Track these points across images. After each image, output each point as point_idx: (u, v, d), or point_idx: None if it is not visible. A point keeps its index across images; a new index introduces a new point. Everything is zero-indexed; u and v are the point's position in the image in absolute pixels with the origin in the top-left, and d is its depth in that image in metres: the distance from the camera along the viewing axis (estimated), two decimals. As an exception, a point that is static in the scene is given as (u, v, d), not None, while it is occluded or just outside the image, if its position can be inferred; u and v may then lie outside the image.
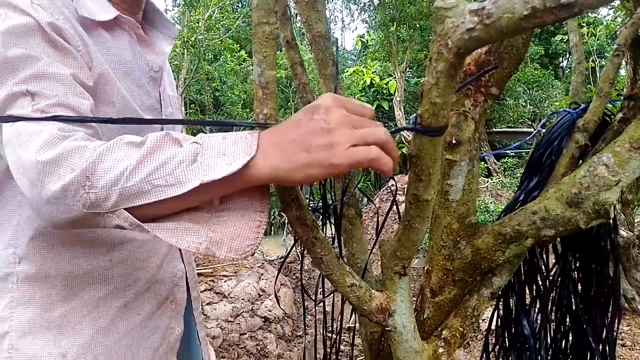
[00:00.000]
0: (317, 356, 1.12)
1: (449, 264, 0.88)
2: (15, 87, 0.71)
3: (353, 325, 3.78)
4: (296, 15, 1.02)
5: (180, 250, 0.99)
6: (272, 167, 0.58)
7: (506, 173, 10.00)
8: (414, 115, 0.65)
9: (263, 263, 4.90)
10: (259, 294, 4.16)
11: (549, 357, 0.95)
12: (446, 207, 0.87)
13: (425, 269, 0.92)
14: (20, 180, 0.66)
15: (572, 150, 0.88)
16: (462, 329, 0.88)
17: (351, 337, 3.66)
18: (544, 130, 0.98)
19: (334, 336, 1.10)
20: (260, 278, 4.41)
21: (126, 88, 0.89)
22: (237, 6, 14.94)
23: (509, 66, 0.82)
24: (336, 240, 0.96)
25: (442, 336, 0.88)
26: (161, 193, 0.60)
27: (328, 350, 1.09)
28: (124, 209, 0.61)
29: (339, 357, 1.08)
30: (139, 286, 0.92)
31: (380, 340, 1.02)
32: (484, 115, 0.83)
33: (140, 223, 0.61)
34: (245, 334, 3.64)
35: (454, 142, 0.81)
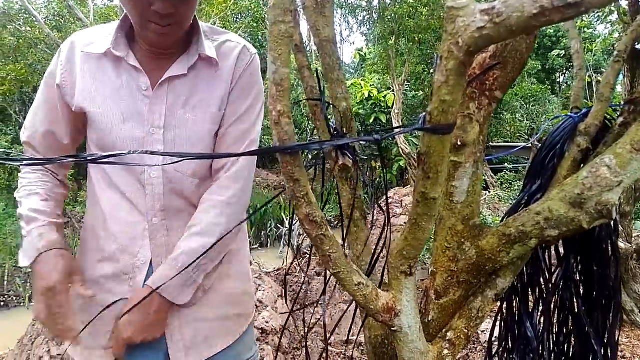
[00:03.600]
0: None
1: (453, 266, 0.89)
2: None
3: (353, 337, 3.77)
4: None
5: (151, 242, 1.19)
6: None
7: (504, 186, 10.04)
8: (423, 114, 0.66)
9: (260, 274, 4.88)
10: (256, 305, 4.15)
11: (551, 359, 0.95)
12: (451, 208, 0.88)
13: (430, 270, 0.93)
14: None
15: (574, 153, 0.90)
16: (466, 331, 0.88)
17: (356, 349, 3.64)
18: (539, 145, 1.00)
19: (331, 349, 1.11)
20: (257, 289, 4.39)
21: (112, 102, 1.17)
22: (237, 17, 15.04)
23: (512, 70, 0.83)
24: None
25: (447, 338, 0.89)
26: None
27: None
28: None
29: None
30: (107, 251, 1.20)
31: (384, 343, 1.03)
32: (489, 118, 0.85)
33: None
34: (242, 344, 3.61)
35: (459, 144, 0.83)
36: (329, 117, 1.02)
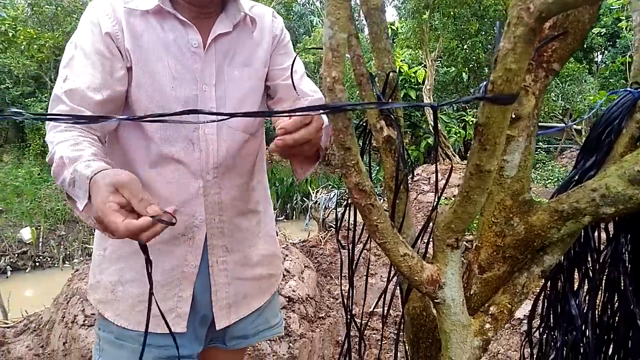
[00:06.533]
0: (339, 338, 1.15)
1: (499, 241, 0.87)
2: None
3: (378, 310, 3.80)
4: None
5: (205, 200, 1.21)
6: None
7: (537, 166, 9.86)
8: (484, 83, 0.64)
9: (287, 245, 4.95)
10: (283, 275, 4.21)
11: (594, 338, 0.94)
12: (500, 183, 0.86)
13: (474, 245, 0.92)
14: None
15: (632, 129, 0.87)
16: (510, 306, 0.88)
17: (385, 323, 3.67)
18: (575, 126, 0.96)
19: (357, 320, 1.12)
20: (284, 259, 4.46)
21: (161, 59, 1.15)
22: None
23: (572, 42, 0.80)
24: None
25: (490, 312, 0.88)
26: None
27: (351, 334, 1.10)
28: None
29: (362, 341, 1.10)
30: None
31: (422, 315, 1.03)
32: (544, 90, 0.82)
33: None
34: (269, 312, 3.68)
35: (513, 116, 0.81)
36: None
